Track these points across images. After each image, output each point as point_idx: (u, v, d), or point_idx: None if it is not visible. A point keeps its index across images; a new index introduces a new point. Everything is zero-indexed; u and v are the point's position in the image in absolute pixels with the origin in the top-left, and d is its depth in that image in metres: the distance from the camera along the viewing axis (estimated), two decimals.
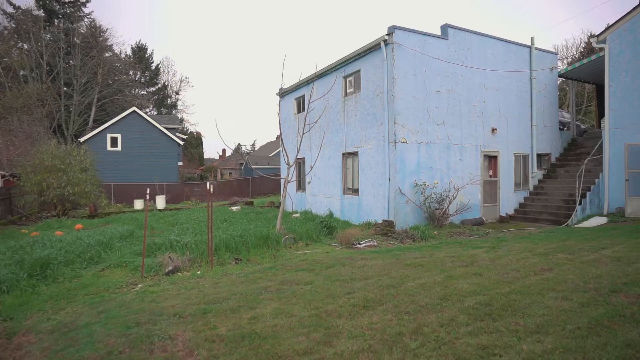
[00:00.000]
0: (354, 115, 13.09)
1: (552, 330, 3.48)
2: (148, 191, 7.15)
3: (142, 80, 49.67)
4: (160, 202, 19.42)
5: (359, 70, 12.85)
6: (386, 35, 11.27)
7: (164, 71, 53.63)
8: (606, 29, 12.44)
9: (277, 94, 18.89)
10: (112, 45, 39.48)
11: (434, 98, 11.96)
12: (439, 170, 12.06)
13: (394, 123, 11.24)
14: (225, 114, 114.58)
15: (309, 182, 16.34)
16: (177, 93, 54.95)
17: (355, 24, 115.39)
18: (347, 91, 13.72)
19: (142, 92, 48.24)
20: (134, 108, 28.44)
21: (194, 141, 53.82)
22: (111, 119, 28.67)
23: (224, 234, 8.78)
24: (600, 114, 15.68)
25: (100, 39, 36.67)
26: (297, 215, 14.05)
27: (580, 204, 12.13)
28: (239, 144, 78.39)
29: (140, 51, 48.66)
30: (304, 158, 16.63)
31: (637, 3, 11.82)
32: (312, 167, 14.10)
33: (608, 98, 12.43)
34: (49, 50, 32.86)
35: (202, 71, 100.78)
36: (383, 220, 10.90)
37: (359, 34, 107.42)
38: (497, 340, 3.35)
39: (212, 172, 49.61)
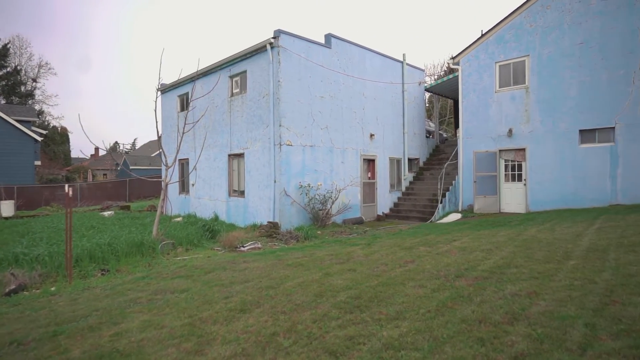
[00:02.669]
0: (240, 116, 12.88)
1: (409, 315, 3.90)
2: None
3: None
4: (7, 208, 16.32)
5: (245, 71, 12.69)
6: (272, 38, 11.37)
7: (15, 52, 45.11)
8: (460, 53, 14.59)
9: (157, 89, 17.48)
10: None
11: (318, 103, 12.47)
12: (322, 173, 12.61)
13: (280, 125, 11.39)
14: (101, 109, 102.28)
15: (193, 184, 15.51)
16: (34, 80, 46.76)
17: (240, 25, 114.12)
18: (234, 91, 13.43)
19: None
20: None
21: (58, 137, 46.53)
22: None
23: (89, 243, 7.79)
24: (457, 125, 18.30)
25: None
26: (180, 219, 13.22)
27: (441, 202, 13.98)
28: (116, 142, 70.64)
29: None
30: (187, 159, 15.74)
31: (480, 35, 14.13)
32: (195, 168, 13.42)
33: (461, 112, 14.60)
34: None
35: (70, 58, 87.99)
36: (268, 222, 10.94)
37: (245, 34, 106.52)
38: (363, 330, 3.61)
39: (81, 173, 43.59)
